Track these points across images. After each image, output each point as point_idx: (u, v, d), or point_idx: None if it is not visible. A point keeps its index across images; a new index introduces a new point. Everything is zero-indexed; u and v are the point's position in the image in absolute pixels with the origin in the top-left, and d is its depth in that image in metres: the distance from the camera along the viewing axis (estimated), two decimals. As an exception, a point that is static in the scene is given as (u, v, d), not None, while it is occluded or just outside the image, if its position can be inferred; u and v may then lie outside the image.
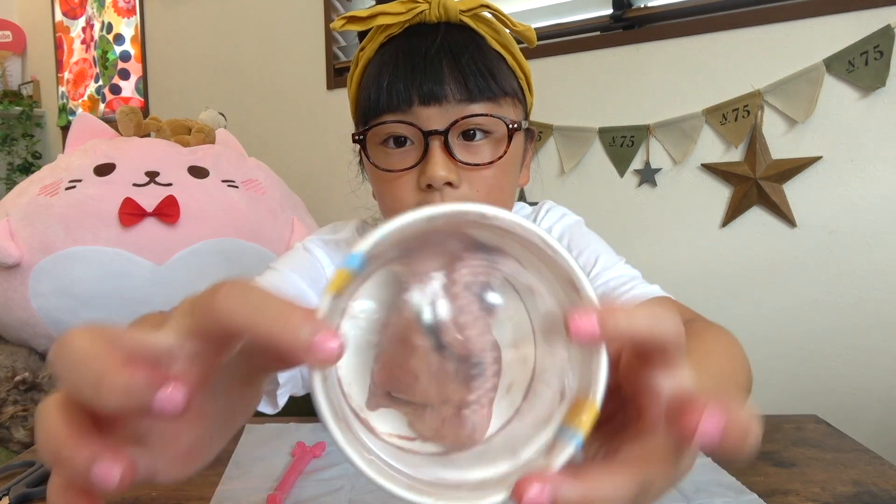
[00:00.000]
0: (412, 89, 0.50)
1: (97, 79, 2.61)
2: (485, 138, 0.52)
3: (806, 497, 0.49)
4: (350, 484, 0.50)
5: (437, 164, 0.50)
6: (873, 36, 1.17)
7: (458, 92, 0.50)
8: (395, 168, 0.52)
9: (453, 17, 0.53)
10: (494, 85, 0.52)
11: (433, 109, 0.50)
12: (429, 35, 0.52)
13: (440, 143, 0.51)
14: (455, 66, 0.51)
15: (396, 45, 0.53)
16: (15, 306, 1.22)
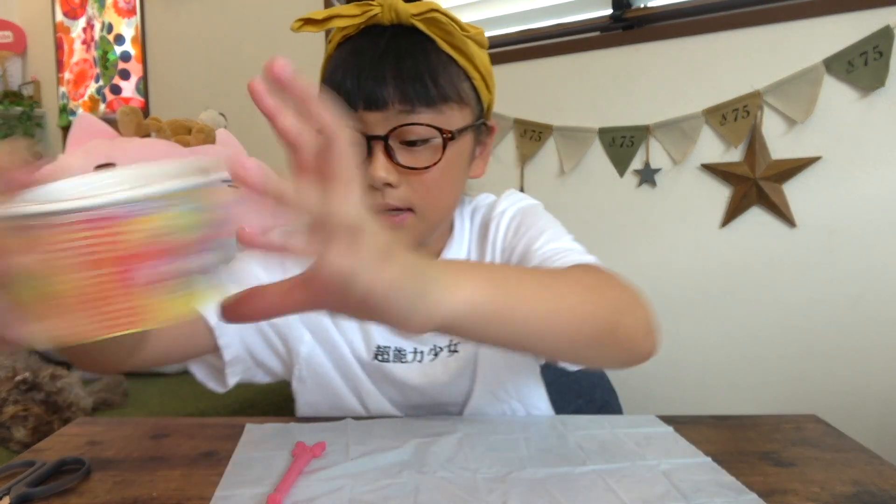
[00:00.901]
0: (358, 95, 0.54)
1: (98, 79, 2.61)
2: (426, 144, 0.55)
3: (805, 497, 0.49)
4: (350, 484, 0.50)
5: (378, 167, 0.54)
6: (873, 36, 1.17)
7: (398, 99, 0.53)
8: None
9: (404, 19, 0.55)
10: (436, 92, 0.54)
11: (376, 115, 0.54)
12: (378, 38, 0.55)
13: (382, 147, 0.54)
14: (398, 74, 0.53)
15: (350, 47, 0.56)
16: (15, 306, 1.22)
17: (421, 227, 0.58)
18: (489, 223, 0.65)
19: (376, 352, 0.66)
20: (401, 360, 0.66)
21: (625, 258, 1.47)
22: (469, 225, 0.68)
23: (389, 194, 0.55)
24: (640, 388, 1.46)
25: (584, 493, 0.49)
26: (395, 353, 0.65)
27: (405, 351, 0.66)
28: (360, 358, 0.66)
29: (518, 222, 0.64)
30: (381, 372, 0.66)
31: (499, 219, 0.65)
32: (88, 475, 0.53)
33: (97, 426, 0.66)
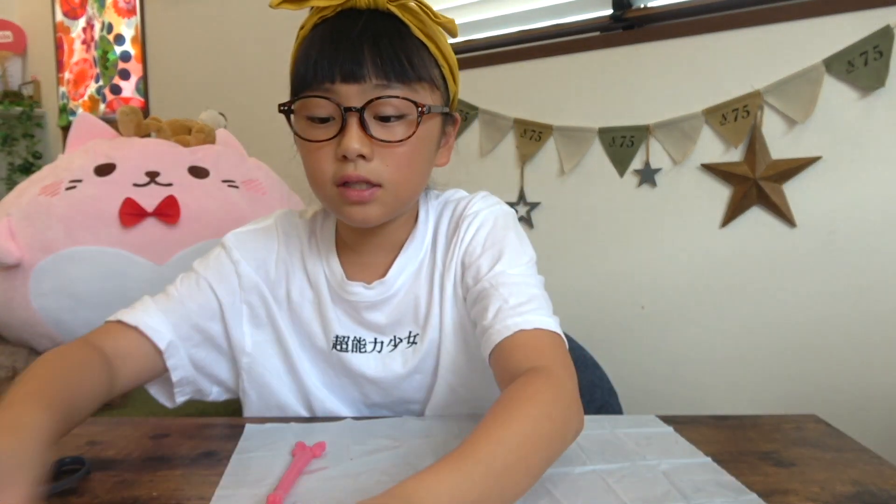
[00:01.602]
0: (335, 68, 0.55)
1: (97, 79, 2.61)
2: (399, 120, 0.57)
3: (805, 497, 0.49)
4: (350, 484, 0.50)
5: (353, 137, 0.55)
6: (873, 36, 1.17)
7: (375, 74, 0.55)
8: (316, 139, 0.57)
9: (381, 4, 0.57)
10: (410, 70, 0.56)
11: (352, 87, 0.55)
12: (356, 19, 0.56)
13: (356, 120, 0.55)
14: (375, 50, 0.55)
15: (326, 27, 0.57)
16: (16, 306, 1.22)
17: (389, 201, 0.59)
18: (461, 221, 0.65)
19: (335, 341, 0.66)
20: (360, 349, 0.66)
21: (625, 258, 1.47)
22: (434, 218, 0.69)
23: (362, 166, 0.56)
24: (641, 389, 1.46)
25: (584, 493, 0.49)
26: (354, 343, 0.66)
27: (365, 341, 0.66)
28: (319, 347, 0.67)
29: (487, 232, 0.64)
30: (340, 362, 0.66)
31: (471, 219, 0.65)
32: (88, 475, 0.53)
33: (97, 426, 0.66)
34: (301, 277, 0.68)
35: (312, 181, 0.60)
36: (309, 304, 0.68)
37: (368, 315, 0.66)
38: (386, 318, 0.66)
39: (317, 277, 0.67)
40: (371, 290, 0.65)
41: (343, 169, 0.56)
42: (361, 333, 0.66)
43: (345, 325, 0.66)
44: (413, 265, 0.66)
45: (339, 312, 0.67)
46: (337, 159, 0.56)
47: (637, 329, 1.46)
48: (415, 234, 0.67)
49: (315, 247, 0.68)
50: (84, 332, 1.21)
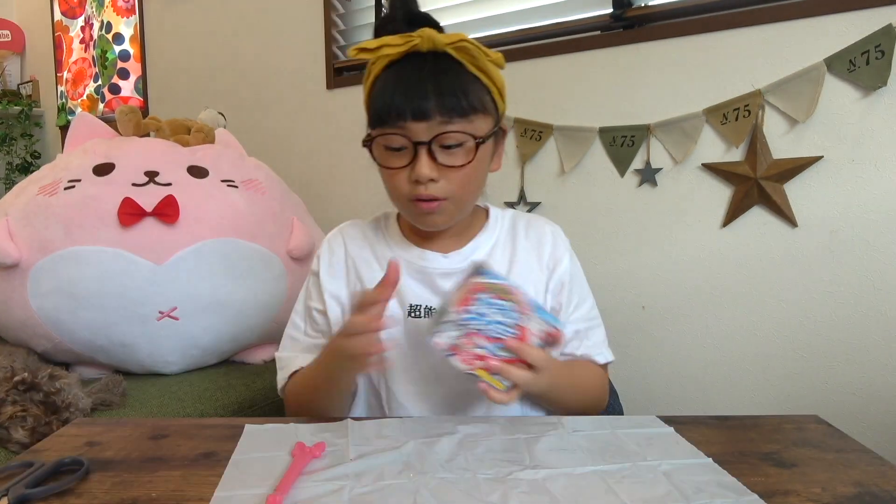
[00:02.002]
0: (406, 109, 0.67)
1: (96, 78, 2.61)
2: (460, 147, 0.69)
3: (806, 497, 0.48)
4: (350, 484, 0.50)
5: (423, 165, 0.68)
6: (874, 35, 1.16)
7: (438, 112, 0.67)
8: (393, 166, 0.71)
9: (440, 48, 0.69)
10: (467, 104, 0.68)
11: (421, 125, 0.67)
12: (420, 62, 0.69)
13: (426, 150, 0.68)
14: (437, 91, 0.67)
15: (395, 71, 0.70)
16: (14, 306, 1.22)
17: (453, 210, 0.73)
18: (543, 237, 0.82)
19: (409, 309, 0.76)
20: (432, 316, 0.74)
21: (625, 258, 1.47)
22: (509, 221, 0.84)
23: (431, 187, 0.69)
24: (642, 389, 1.46)
25: (584, 493, 0.49)
26: (426, 311, 0.76)
27: (436, 308, 0.75)
28: (394, 317, 0.75)
29: (572, 274, 0.82)
30: (415, 328, 0.76)
31: (553, 240, 0.82)
32: (87, 476, 0.53)
33: (96, 427, 0.65)
34: (371, 262, 0.80)
35: (391, 196, 0.75)
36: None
37: (442, 283, 0.76)
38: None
39: (387, 257, 0.78)
40: (447, 258, 0.78)
41: (416, 190, 0.70)
42: (432, 302, 0.76)
43: (418, 294, 0.77)
44: (485, 248, 0.80)
45: (412, 282, 0.77)
46: (410, 182, 0.70)
47: (638, 329, 1.46)
48: (487, 226, 0.81)
49: (383, 237, 0.82)
50: (83, 332, 1.22)
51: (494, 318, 0.60)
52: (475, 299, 0.60)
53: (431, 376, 0.76)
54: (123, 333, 1.22)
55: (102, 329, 1.21)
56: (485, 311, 0.60)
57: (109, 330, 1.22)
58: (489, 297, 0.60)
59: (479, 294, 0.60)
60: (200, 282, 1.24)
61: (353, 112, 1.82)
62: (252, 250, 1.32)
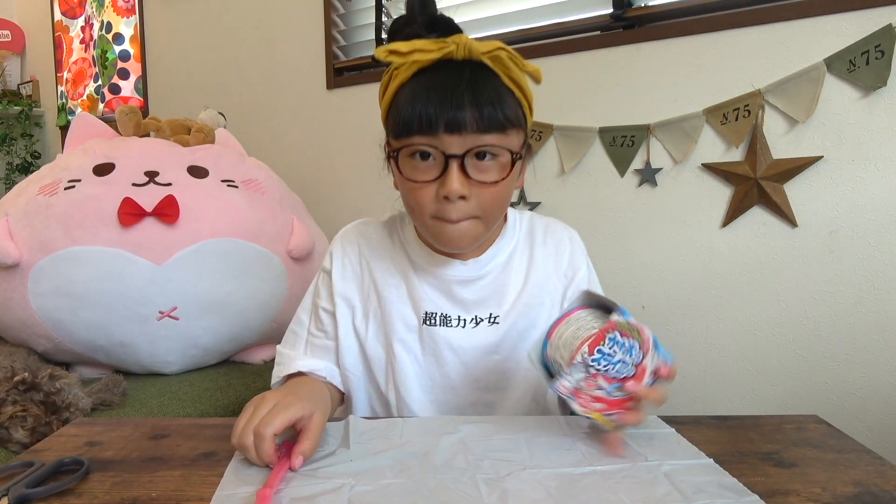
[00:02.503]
0: (440, 120, 0.62)
1: (96, 78, 2.61)
2: (493, 160, 0.65)
3: (806, 497, 0.48)
4: (350, 483, 0.50)
5: (455, 181, 0.63)
6: (874, 35, 1.16)
7: (474, 124, 0.62)
8: (419, 179, 0.65)
9: (475, 56, 0.64)
10: (503, 118, 0.63)
11: (455, 137, 0.62)
12: (454, 71, 0.63)
13: (458, 164, 0.63)
14: (474, 103, 0.62)
15: (428, 78, 0.64)
16: (14, 306, 1.21)
17: (481, 228, 0.68)
18: (561, 244, 0.80)
19: (425, 317, 0.74)
20: (447, 324, 0.73)
21: (625, 258, 1.47)
22: (526, 226, 0.80)
23: (460, 206, 0.64)
24: (641, 388, 1.46)
25: (584, 493, 0.49)
26: (442, 318, 0.74)
27: (450, 317, 0.74)
28: (409, 325, 0.74)
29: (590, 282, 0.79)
30: (430, 336, 0.74)
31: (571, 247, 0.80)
32: (87, 476, 0.53)
33: (96, 427, 0.65)
34: (388, 267, 0.77)
35: (412, 212, 0.69)
36: (395, 289, 0.75)
37: (459, 291, 0.74)
38: (474, 295, 0.74)
39: (403, 262, 0.76)
40: (465, 266, 0.74)
41: (443, 209, 0.65)
42: (448, 310, 0.74)
43: (434, 301, 0.74)
44: (503, 256, 0.76)
45: (428, 290, 0.74)
46: (438, 199, 0.65)
47: (637, 329, 1.46)
48: (505, 231, 0.78)
49: (399, 241, 0.78)
50: (83, 332, 1.22)
51: (619, 359, 0.57)
52: (605, 339, 0.56)
53: (446, 385, 0.74)
54: (123, 333, 1.22)
55: (102, 329, 1.21)
56: (612, 352, 0.56)
57: (109, 330, 1.22)
58: (618, 335, 0.56)
59: (609, 333, 0.56)
60: (200, 282, 1.24)
61: (353, 112, 1.82)
62: (252, 250, 1.32)
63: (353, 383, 0.77)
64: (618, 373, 0.57)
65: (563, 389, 0.57)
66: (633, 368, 0.57)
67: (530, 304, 0.75)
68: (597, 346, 0.56)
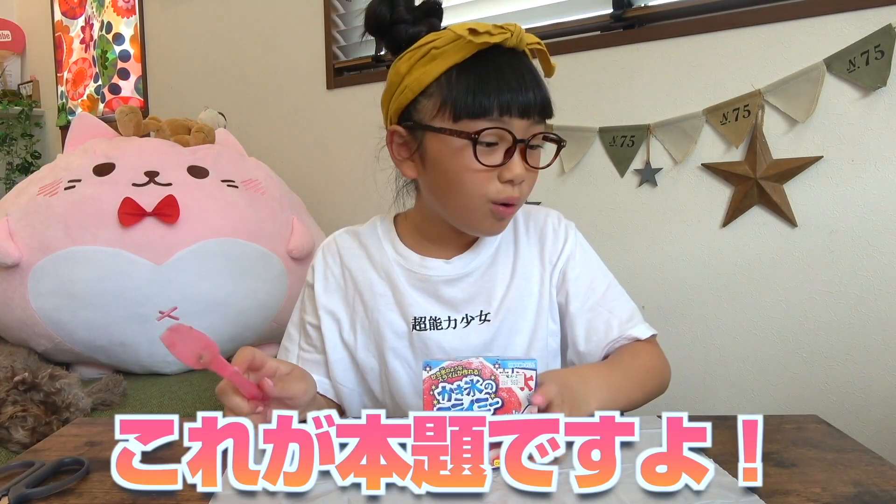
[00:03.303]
0: (514, 105, 0.63)
1: (96, 78, 2.61)
2: (540, 148, 0.68)
3: (806, 497, 0.48)
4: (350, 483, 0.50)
5: (519, 165, 0.65)
6: (874, 35, 1.16)
7: (537, 111, 0.65)
8: (488, 164, 0.65)
9: (522, 45, 0.67)
10: (551, 109, 0.67)
11: (523, 122, 0.64)
12: (514, 60, 0.66)
13: (522, 150, 0.65)
14: (538, 92, 0.65)
15: (488, 63, 0.65)
16: (14, 306, 1.22)
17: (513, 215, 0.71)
18: (544, 229, 0.79)
19: (414, 322, 0.73)
20: (437, 327, 0.73)
21: (625, 258, 1.47)
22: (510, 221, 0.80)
23: (518, 189, 0.67)
24: (641, 388, 1.46)
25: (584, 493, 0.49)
26: (431, 322, 0.73)
27: (440, 319, 0.73)
28: (398, 332, 0.74)
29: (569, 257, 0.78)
30: (421, 342, 0.73)
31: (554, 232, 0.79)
32: (87, 476, 0.53)
33: (96, 427, 0.65)
34: (368, 272, 0.76)
35: (464, 198, 0.67)
36: (382, 298, 0.74)
37: (446, 291, 0.73)
38: (462, 293, 0.74)
39: (389, 267, 0.75)
40: (450, 264, 0.74)
41: (507, 191, 0.66)
42: (437, 312, 0.73)
43: (421, 305, 0.73)
44: (488, 252, 0.76)
45: (414, 294, 0.74)
46: (501, 181, 0.66)
47: (637, 329, 1.46)
48: None
49: (380, 244, 0.77)
50: (83, 332, 1.22)
51: (470, 401, 0.52)
52: (435, 397, 0.52)
53: None
54: (123, 333, 1.23)
55: (102, 329, 1.21)
56: (452, 402, 0.52)
57: (109, 330, 1.22)
58: (445, 386, 0.52)
59: (434, 388, 0.52)
60: (200, 282, 1.24)
61: (354, 112, 1.82)
62: (252, 250, 1.32)
63: (346, 395, 0.76)
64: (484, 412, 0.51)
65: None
66: (496, 398, 0.53)
67: (519, 298, 0.74)
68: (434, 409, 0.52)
